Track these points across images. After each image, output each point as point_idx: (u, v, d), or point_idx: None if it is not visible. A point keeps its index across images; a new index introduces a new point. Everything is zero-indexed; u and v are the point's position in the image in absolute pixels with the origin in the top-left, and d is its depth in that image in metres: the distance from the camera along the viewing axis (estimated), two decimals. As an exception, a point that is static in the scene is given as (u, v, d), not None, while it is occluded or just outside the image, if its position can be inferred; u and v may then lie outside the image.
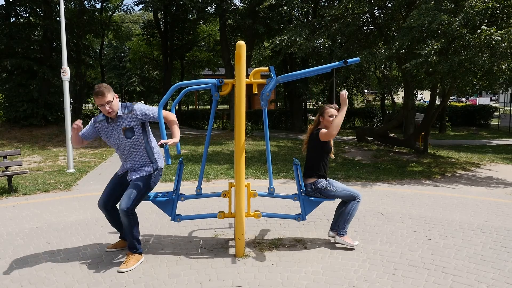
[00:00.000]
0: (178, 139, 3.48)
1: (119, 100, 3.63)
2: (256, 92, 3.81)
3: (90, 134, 3.62)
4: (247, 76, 3.79)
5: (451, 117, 21.16)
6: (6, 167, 6.48)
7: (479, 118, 23.13)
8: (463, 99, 38.32)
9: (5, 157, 6.55)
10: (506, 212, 5.28)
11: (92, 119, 3.61)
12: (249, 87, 3.79)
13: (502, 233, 4.41)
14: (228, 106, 20.61)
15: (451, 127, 20.15)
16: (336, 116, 3.67)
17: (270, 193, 4.05)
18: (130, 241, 3.53)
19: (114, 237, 4.30)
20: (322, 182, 3.87)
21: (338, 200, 4.11)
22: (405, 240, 4.19)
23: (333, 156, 4.15)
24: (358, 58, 3.60)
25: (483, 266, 3.51)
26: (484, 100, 36.68)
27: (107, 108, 3.38)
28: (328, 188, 3.87)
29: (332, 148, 4.01)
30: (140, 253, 3.60)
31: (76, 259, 3.73)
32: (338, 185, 3.92)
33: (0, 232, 4.51)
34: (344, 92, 3.55)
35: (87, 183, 7.40)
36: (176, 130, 3.54)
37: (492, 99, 42.29)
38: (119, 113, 3.48)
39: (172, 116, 3.63)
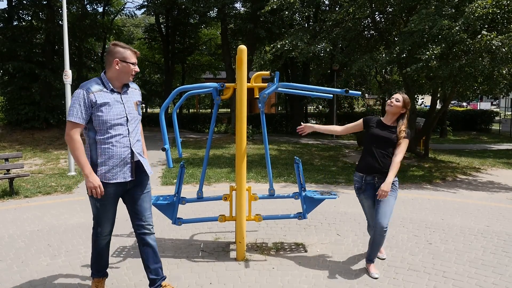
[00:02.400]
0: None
1: None
2: (257, 96, 3.83)
3: (87, 115, 2.70)
4: (248, 80, 3.81)
5: (452, 122, 21.14)
6: (8, 170, 6.50)
7: (480, 123, 23.11)
8: (464, 103, 38.33)
9: (6, 159, 6.57)
10: (507, 217, 5.28)
11: (81, 91, 2.67)
12: (250, 91, 3.81)
13: (503, 238, 4.41)
14: (229, 110, 20.63)
15: (452, 132, 20.14)
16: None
17: (271, 195, 4.06)
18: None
19: (114, 240, 4.30)
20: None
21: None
22: (406, 244, 4.19)
23: None
24: (360, 92, 3.87)
25: (484, 271, 3.50)
26: (485, 105, 36.68)
27: (137, 69, 2.84)
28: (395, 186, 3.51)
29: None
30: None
31: (77, 262, 3.74)
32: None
33: (1, 235, 4.52)
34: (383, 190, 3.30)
35: (88, 186, 7.40)
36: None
37: (493, 103, 42.29)
38: (130, 85, 2.92)
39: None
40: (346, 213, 5.37)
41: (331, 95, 4.03)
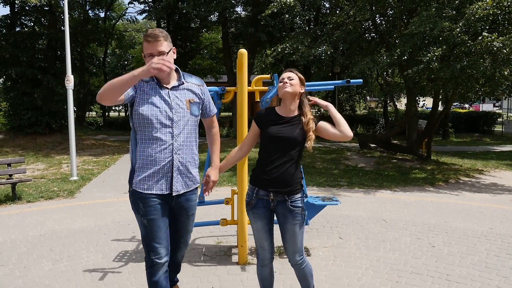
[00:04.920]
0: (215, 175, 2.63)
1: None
2: (258, 100, 3.83)
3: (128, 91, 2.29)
4: (249, 83, 3.82)
5: (454, 124, 21.09)
6: (10, 175, 6.51)
7: (482, 125, 23.05)
8: (466, 105, 38.24)
9: (9, 164, 6.58)
10: (511, 219, 5.24)
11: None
12: (251, 94, 3.81)
13: (506, 240, 4.38)
14: (231, 113, 20.65)
15: (454, 134, 20.09)
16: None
17: None
18: None
19: (117, 245, 4.30)
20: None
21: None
22: (408, 247, 4.17)
23: None
24: (361, 80, 3.71)
25: (488, 274, 3.48)
26: (487, 106, 36.56)
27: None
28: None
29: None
30: None
31: (79, 266, 3.73)
32: None
33: (3, 240, 4.53)
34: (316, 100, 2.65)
35: (90, 190, 7.41)
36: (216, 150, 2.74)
37: (496, 105, 42.15)
38: (182, 78, 2.43)
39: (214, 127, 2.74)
40: (348, 216, 5.35)
41: (332, 87, 3.97)
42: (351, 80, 3.51)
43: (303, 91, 2.56)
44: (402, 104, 22.81)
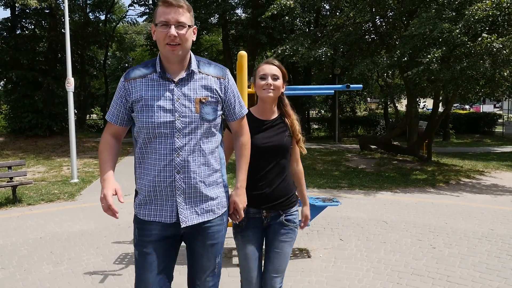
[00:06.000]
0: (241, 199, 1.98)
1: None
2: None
3: (122, 113, 1.84)
4: (249, 85, 3.82)
5: (454, 125, 21.08)
6: (11, 178, 6.52)
7: (483, 126, 23.03)
8: (467, 106, 38.24)
9: (9, 167, 6.59)
10: (511, 220, 5.24)
11: (122, 78, 1.86)
12: (251, 96, 3.81)
13: (507, 241, 4.37)
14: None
15: (455, 135, 20.08)
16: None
17: None
18: None
19: (117, 247, 4.30)
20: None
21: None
22: (409, 248, 4.16)
23: None
24: (361, 85, 3.71)
25: (489, 275, 3.47)
26: (488, 107, 36.55)
27: (173, 32, 1.71)
28: None
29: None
30: None
31: (79, 269, 3.73)
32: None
33: (4, 243, 4.53)
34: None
35: (91, 193, 7.42)
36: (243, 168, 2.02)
37: (496, 106, 42.13)
38: (193, 67, 1.82)
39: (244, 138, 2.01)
40: (349, 218, 5.34)
41: (332, 91, 4.01)
42: (351, 85, 3.54)
43: (284, 89, 2.17)
44: (402, 105, 22.81)
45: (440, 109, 13.28)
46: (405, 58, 8.67)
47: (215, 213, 1.88)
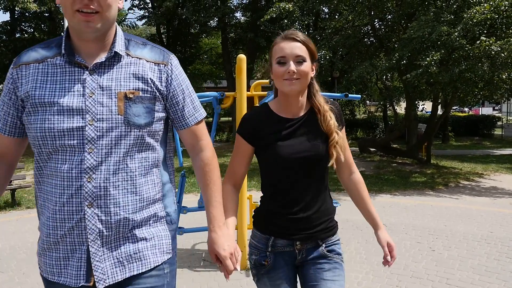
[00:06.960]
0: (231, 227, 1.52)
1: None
2: (257, 105, 3.84)
3: (13, 117, 1.25)
4: (249, 88, 3.83)
5: (454, 127, 21.10)
6: (10, 181, 6.50)
7: (482, 128, 23.06)
8: (466, 109, 38.34)
9: (9, 171, 6.58)
10: (511, 223, 5.24)
11: (12, 63, 1.34)
12: (250, 99, 3.82)
13: (507, 244, 4.37)
14: (231, 118, 20.69)
15: (454, 137, 20.10)
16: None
17: None
18: None
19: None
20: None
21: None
22: (408, 251, 4.16)
23: None
24: (359, 96, 3.76)
25: (488, 278, 3.47)
26: (487, 110, 36.62)
27: None
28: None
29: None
30: None
31: (78, 272, 3.72)
32: None
33: (2, 246, 4.52)
34: None
35: (90, 196, 7.40)
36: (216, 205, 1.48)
37: (495, 108, 42.24)
38: (118, 47, 1.22)
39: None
40: (348, 221, 5.34)
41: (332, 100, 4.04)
42: (350, 95, 3.60)
43: (314, 73, 1.52)
44: (401, 108, 22.83)
45: (439, 111, 13.30)
46: (404, 61, 8.71)
47: (149, 261, 1.26)
